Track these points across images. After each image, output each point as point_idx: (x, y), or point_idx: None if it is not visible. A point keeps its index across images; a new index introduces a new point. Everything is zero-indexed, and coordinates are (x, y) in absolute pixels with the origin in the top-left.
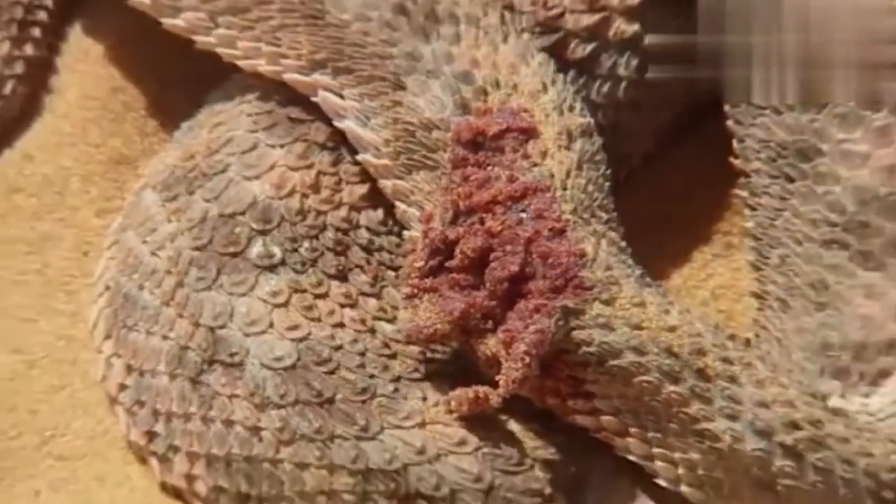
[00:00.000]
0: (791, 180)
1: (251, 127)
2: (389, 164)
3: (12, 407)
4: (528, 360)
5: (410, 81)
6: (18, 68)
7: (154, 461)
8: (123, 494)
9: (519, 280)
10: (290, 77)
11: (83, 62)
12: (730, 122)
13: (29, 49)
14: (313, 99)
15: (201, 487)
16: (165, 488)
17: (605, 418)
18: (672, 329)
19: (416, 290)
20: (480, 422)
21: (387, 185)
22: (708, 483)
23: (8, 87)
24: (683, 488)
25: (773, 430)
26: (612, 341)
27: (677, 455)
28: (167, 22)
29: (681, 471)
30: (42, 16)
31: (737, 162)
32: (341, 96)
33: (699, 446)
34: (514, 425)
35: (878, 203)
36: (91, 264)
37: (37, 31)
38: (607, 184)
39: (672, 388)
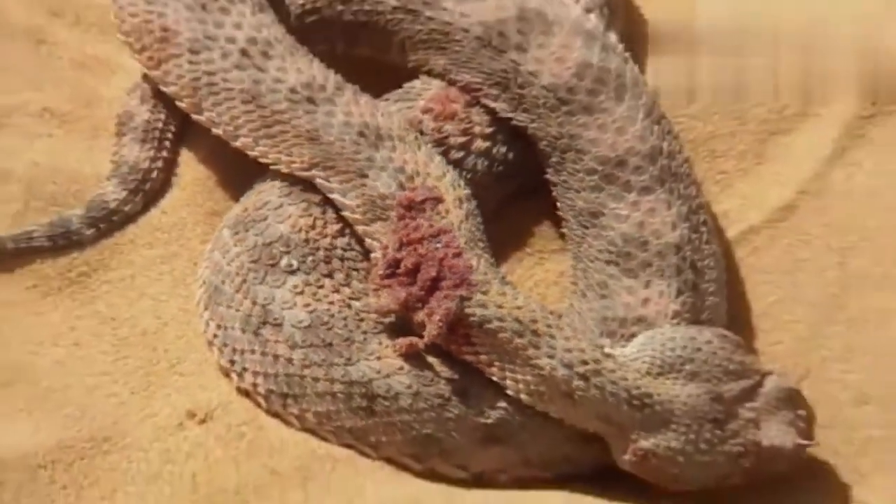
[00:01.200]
0: (586, 228)
1: (279, 194)
2: (360, 218)
3: (154, 348)
4: (441, 324)
5: (371, 173)
6: (160, 164)
7: (234, 376)
8: (215, 395)
9: (436, 281)
10: (298, 173)
11: (193, 159)
12: (553, 192)
13: (164, 153)
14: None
15: (261, 390)
16: (240, 391)
17: (482, 356)
18: (519, 308)
19: (378, 287)
20: (413, 357)
21: (359, 229)
22: (535, 394)
23: (154, 174)
24: (522, 396)
25: (573, 364)
26: (486, 314)
27: (519, 377)
28: (232, 143)
29: (520, 386)
30: (169, 134)
31: (560, 213)
32: (329, 181)
33: (532, 373)
34: (431, 359)
35: (631, 242)
36: (198, 270)
37: (167, 143)
38: (482, 227)
39: (518, 340)
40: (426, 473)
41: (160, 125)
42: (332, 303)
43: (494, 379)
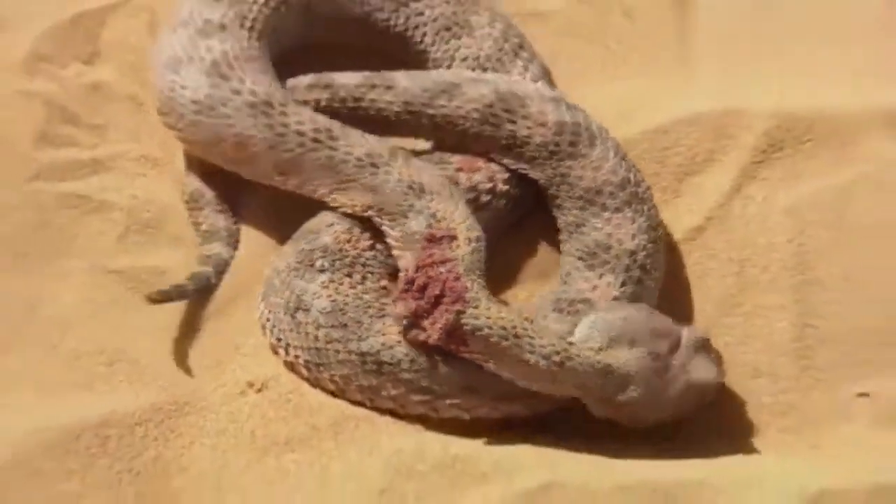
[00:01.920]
0: (572, 234)
1: (334, 216)
2: (399, 245)
3: (223, 334)
4: (441, 331)
5: (410, 215)
6: (235, 227)
7: (281, 351)
8: (268, 370)
9: (439, 297)
10: (358, 213)
11: (255, 220)
12: (553, 211)
13: (233, 219)
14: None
15: (301, 361)
16: (286, 365)
17: (474, 354)
18: (502, 318)
19: (398, 298)
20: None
21: (395, 253)
22: (523, 379)
23: (239, 230)
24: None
25: (549, 356)
26: (478, 323)
27: (508, 369)
28: (310, 196)
29: (511, 375)
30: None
31: (557, 224)
32: (381, 218)
33: (518, 365)
34: (432, 351)
35: (600, 246)
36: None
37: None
38: (483, 260)
39: (504, 342)
40: (433, 422)
41: (221, 195)
42: (347, 295)
43: (490, 370)
